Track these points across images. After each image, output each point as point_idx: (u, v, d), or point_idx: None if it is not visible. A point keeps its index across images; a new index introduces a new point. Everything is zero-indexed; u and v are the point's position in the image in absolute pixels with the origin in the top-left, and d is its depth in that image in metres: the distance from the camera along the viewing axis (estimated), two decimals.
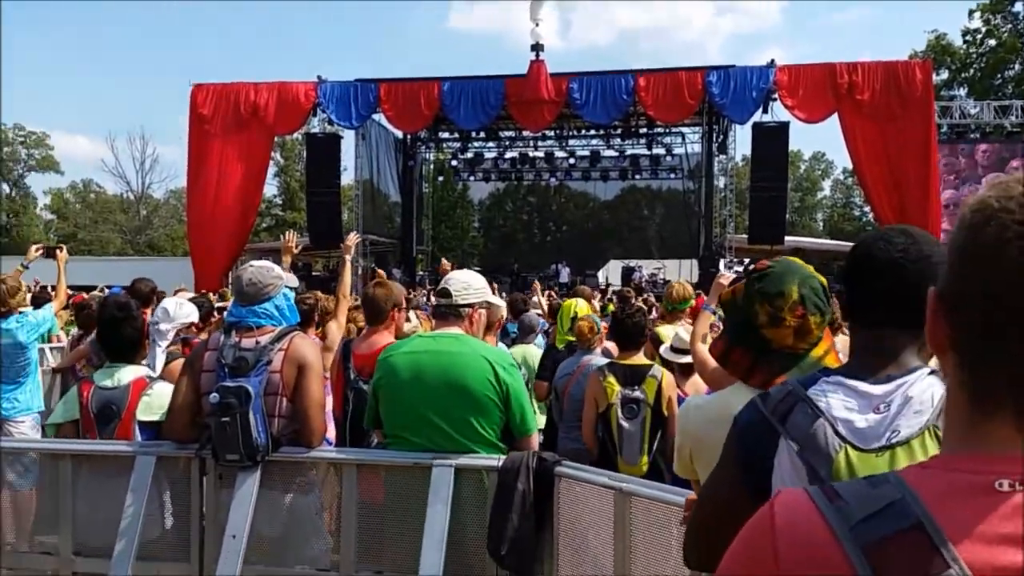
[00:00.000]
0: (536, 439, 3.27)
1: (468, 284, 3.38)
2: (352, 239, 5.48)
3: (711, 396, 2.37)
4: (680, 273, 30.62)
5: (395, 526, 3.23)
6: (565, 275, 27.17)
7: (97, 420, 3.55)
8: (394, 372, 3.22)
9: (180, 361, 4.16)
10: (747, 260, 26.57)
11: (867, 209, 28.02)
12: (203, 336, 4.67)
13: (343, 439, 3.90)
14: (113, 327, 3.73)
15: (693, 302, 5.82)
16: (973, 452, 0.81)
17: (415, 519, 3.12)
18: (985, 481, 0.77)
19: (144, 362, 4.03)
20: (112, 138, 68.30)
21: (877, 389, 1.47)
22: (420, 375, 3.15)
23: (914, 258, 1.53)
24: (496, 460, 3.07)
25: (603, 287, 23.55)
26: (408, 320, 4.74)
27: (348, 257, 5.25)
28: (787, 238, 25.83)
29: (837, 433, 1.43)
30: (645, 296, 15.06)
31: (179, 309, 4.70)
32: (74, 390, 3.77)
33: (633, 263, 29.36)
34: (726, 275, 4.49)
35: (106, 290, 13.93)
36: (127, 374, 3.65)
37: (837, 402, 1.47)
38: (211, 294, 11.11)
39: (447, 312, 3.31)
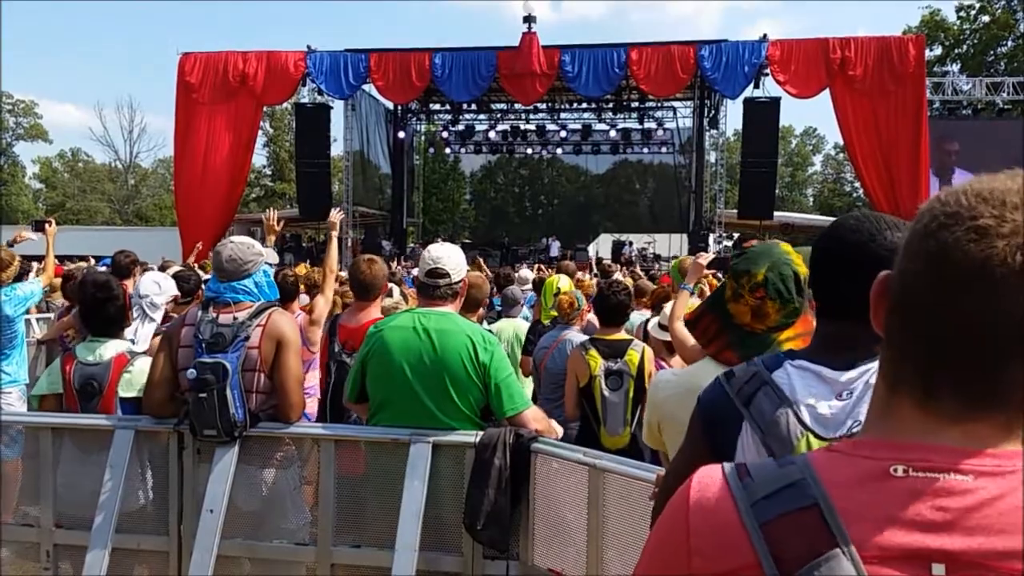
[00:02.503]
0: (528, 416, 3.17)
1: (459, 262, 3.40)
2: (336, 215, 5.49)
3: (680, 370, 2.40)
4: (670, 247, 30.77)
5: (373, 501, 3.26)
6: (555, 249, 27.19)
7: (79, 396, 3.55)
8: (384, 346, 3.24)
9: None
10: (736, 235, 26.65)
11: (857, 185, 28.09)
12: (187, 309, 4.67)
13: (324, 411, 3.91)
14: (95, 306, 3.72)
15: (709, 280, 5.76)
16: (878, 437, 0.86)
17: (393, 494, 3.14)
18: (882, 466, 0.82)
19: (130, 336, 4.04)
20: (100, 107, 67.83)
21: (841, 376, 1.48)
22: (408, 350, 3.18)
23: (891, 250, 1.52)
24: (473, 436, 3.09)
25: (594, 260, 23.62)
26: (390, 295, 4.74)
27: (334, 233, 5.29)
28: (777, 213, 25.91)
29: (800, 420, 1.45)
30: (632, 269, 15.10)
31: (166, 282, 4.72)
32: (57, 362, 3.76)
33: (624, 237, 29.37)
34: (704, 255, 4.51)
35: (94, 262, 13.88)
36: (109, 349, 3.64)
37: (801, 387, 1.49)
38: (196, 266, 11.06)
39: (445, 292, 3.30)
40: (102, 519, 3.37)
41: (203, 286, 5.71)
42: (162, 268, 9.74)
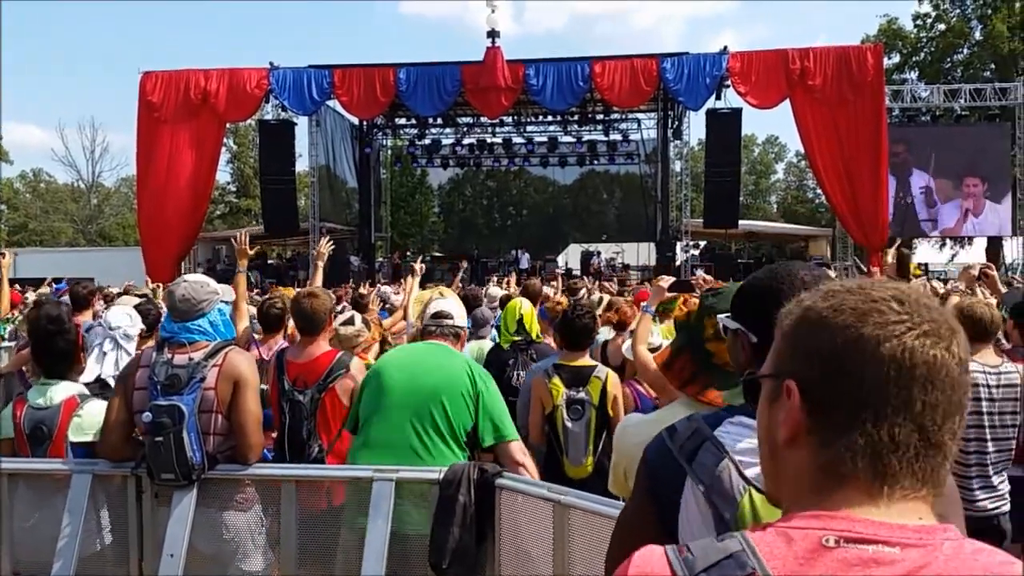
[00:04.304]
0: (516, 447, 3.35)
1: (462, 311, 3.84)
2: (324, 245, 5.52)
3: (647, 416, 2.39)
4: (639, 257, 30.95)
5: (337, 541, 3.21)
6: (525, 261, 27.24)
7: (29, 441, 3.46)
8: (381, 369, 3.49)
9: None
10: (703, 243, 26.90)
11: (820, 191, 28.46)
12: (149, 343, 4.59)
13: (282, 452, 3.85)
14: (45, 338, 3.64)
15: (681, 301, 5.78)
16: (811, 510, 0.93)
17: (358, 533, 3.11)
18: (816, 537, 0.89)
19: (110, 370, 3.97)
20: (62, 127, 66.67)
21: None
22: (403, 368, 3.43)
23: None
24: (437, 473, 3.06)
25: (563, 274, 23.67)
26: (351, 322, 4.68)
27: (320, 263, 5.36)
28: (741, 222, 26.17)
29: (742, 475, 1.45)
30: (602, 283, 15.11)
31: (135, 314, 4.64)
32: (9, 408, 3.67)
33: (592, 247, 29.49)
34: (665, 278, 4.53)
35: (52, 285, 13.64)
36: (59, 392, 3.55)
37: (742, 442, 1.49)
38: (160, 290, 10.88)
39: (448, 331, 3.67)
40: (61, 565, 3.29)
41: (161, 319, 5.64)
42: (122, 293, 9.58)
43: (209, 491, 3.22)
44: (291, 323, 4.95)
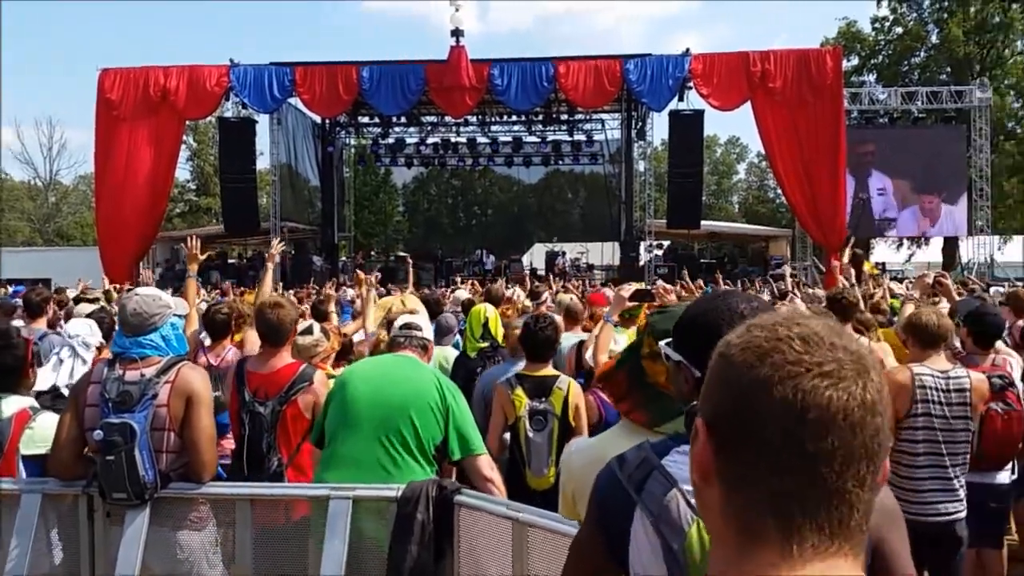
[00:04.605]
0: (484, 461, 3.36)
1: (427, 323, 3.87)
2: (276, 247, 5.47)
3: (591, 440, 2.38)
4: (603, 256, 31.08)
5: (293, 559, 3.17)
6: (490, 262, 27.18)
7: None
8: (347, 381, 3.45)
9: None
10: (666, 243, 27.08)
11: (780, 192, 28.81)
12: (104, 354, 4.49)
13: (241, 464, 3.79)
14: None
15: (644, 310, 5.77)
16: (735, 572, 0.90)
17: (315, 550, 3.07)
18: None
19: (64, 379, 3.89)
20: (18, 123, 65.08)
21: None
22: (370, 382, 3.40)
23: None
24: (395, 490, 3.03)
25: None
26: (309, 331, 4.62)
27: (270, 265, 5.33)
28: (704, 222, 26.39)
29: (690, 505, 1.45)
30: (565, 284, 15.13)
31: (95, 325, 4.57)
32: None
33: (557, 247, 29.54)
34: (627, 288, 4.54)
35: (9, 288, 13.32)
36: (10, 405, 3.46)
37: (689, 472, 1.49)
38: (115, 293, 10.68)
39: (416, 343, 3.67)
40: None
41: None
42: (77, 300, 9.39)
43: (162, 510, 3.16)
44: (250, 332, 4.88)
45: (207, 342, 5.26)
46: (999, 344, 4.90)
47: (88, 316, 4.96)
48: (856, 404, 0.86)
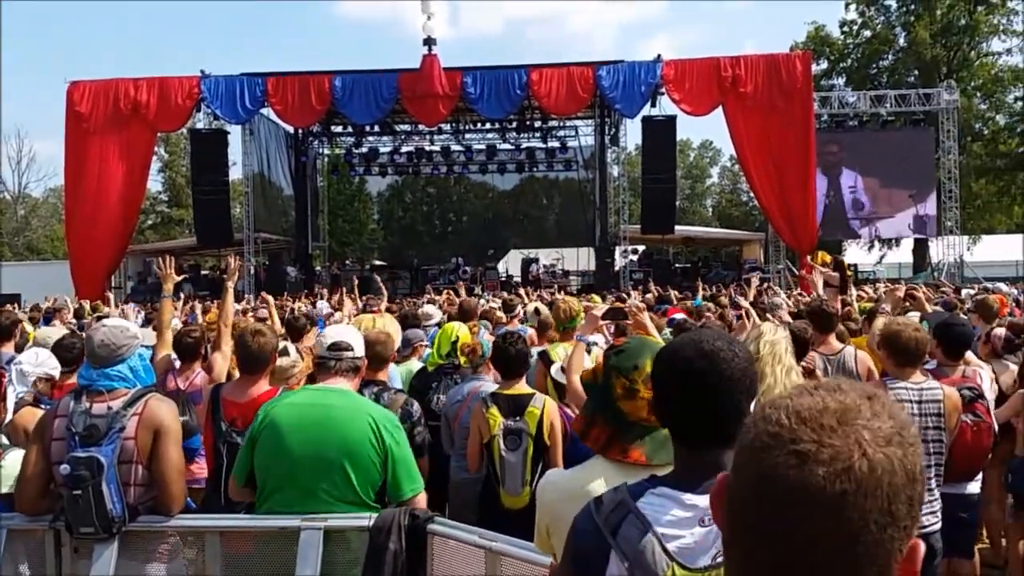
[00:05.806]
0: (422, 499, 3.14)
1: (359, 340, 3.39)
2: (235, 265, 5.28)
3: (566, 472, 2.36)
4: (578, 262, 31.14)
5: None
6: (465, 270, 27.12)
7: None
8: (276, 425, 3.11)
9: (27, 409, 3.94)
10: (641, 248, 27.19)
11: (753, 195, 29.04)
12: (69, 382, 4.40)
13: (218, 495, 3.72)
14: None
15: (582, 317, 5.80)
16: None
17: None
18: None
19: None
20: None
21: (702, 500, 1.48)
22: (302, 429, 3.07)
23: (737, 376, 1.55)
24: (367, 519, 3.00)
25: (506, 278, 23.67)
26: (285, 353, 4.57)
27: (230, 284, 5.05)
28: (678, 227, 26.54)
29: (665, 550, 1.45)
30: (540, 293, 15.15)
31: (49, 359, 4.44)
32: None
33: (532, 253, 29.59)
34: (600, 306, 4.54)
35: None
36: None
37: (665, 515, 1.49)
38: (89, 306, 10.56)
39: (348, 366, 3.26)
40: None
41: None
42: (49, 316, 9.28)
43: (131, 544, 3.10)
44: (216, 355, 4.82)
45: (177, 364, 5.19)
46: (969, 354, 4.94)
47: (57, 344, 4.84)
48: (835, 487, 0.81)
